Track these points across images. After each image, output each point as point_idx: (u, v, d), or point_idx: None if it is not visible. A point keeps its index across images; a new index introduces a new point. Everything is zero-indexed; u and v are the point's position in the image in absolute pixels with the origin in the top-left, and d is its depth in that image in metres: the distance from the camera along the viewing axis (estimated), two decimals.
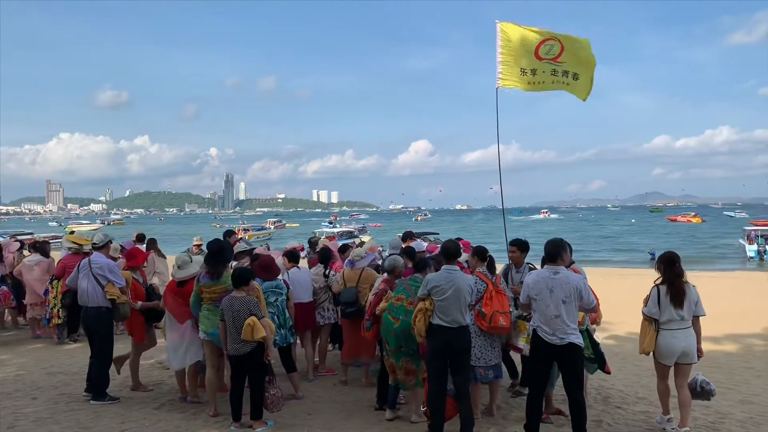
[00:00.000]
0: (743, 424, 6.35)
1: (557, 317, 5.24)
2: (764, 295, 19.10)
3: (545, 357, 5.41)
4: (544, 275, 5.43)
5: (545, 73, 7.55)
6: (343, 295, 7.52)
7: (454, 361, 5.50)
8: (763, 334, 12.32)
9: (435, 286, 5.49)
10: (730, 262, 38.40)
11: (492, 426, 5.94)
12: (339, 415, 6.36)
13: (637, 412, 6.64)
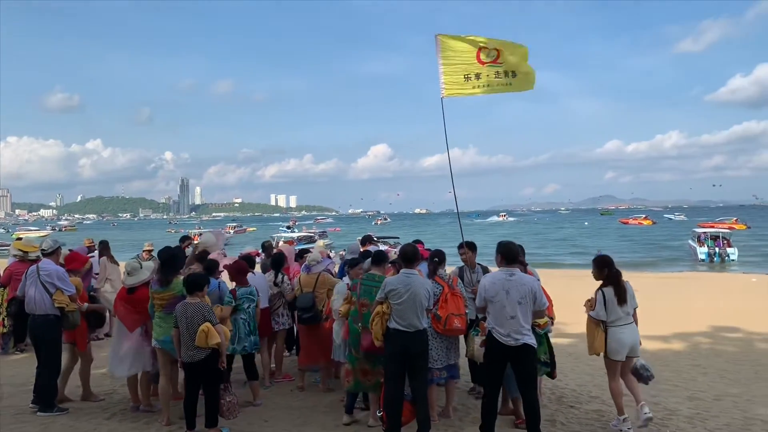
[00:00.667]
0: (690, 420, 6.56)
1: (513, 318, 5.31)
2: (712, 295, 19.78)
3: (499, 358, 5.46)
4: (500, 277, 5.49)
5: (489, 76, 7.78)
6: (300, 300, 7.48)
7: (411, 366, 5.52)
8: (709, 332, 12.72)
9: (392, 290, 5.50)
10: (681, 263, 39.58)
11: (449, 428, 5.99)
12: (296, 421, 6.31)
13: (590, 411, 6.79)
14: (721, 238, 39.84)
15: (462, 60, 7.75)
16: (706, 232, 42.58)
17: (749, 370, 9.20)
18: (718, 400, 7.45)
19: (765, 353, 10.57)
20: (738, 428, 6.31)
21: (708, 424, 6.40)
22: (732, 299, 18.45)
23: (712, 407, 7.11)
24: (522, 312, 5.34)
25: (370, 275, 6.09)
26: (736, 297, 19.08)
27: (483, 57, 7.72)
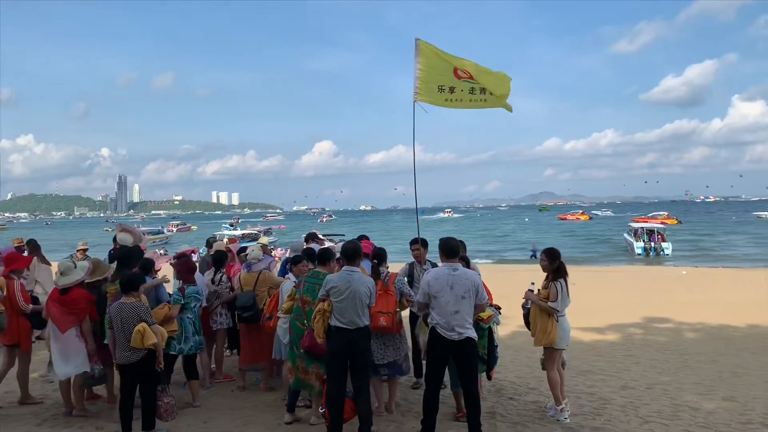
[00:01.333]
0: (623, 408, 6.80)
1: (456, 313, 5.37)
2: (646, 288, 20.59)
3: (442, 353, 5.51)
4: (443, 272, 5.53)
5: (463, 92, 7.81)
6: (240, 298, 7.36)
7: (352, 363, 5.52)
8: (642, 323, 13.25)
9: (333, 287, 5.47)
10: (618, 257, 41.01)
11: (391, 423, 6.02)
12: (236, 421, 6.21)
13: (528, 402, 6.94)
14: (656, 232, 41.46)
15: (438, 71, 7.77)
16: (642, 227, 44.18)
17: (678, 359, 9.63)
18: (649, 388, 7.76)
19: (693, 343, 11.09)
20: (668, 415, 6.58)
21: (640, 412, 6.65)
22: (663, 291, 19.27)
23: (644, 395, 7.40)
24: (465, 306, 5.41)
25: (315, 273, 6.05)
26: (668, 289, 19.92)
27: (460, 72, 7.75)
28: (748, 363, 9.29)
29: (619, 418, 6.41)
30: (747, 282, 21.80)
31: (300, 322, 5.92)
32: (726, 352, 10.09)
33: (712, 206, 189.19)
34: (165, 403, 5.67)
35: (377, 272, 6.36)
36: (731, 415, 6.59)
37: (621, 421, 6.30)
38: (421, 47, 7.75)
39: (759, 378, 8.33)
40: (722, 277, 24.34)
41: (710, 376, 8.47)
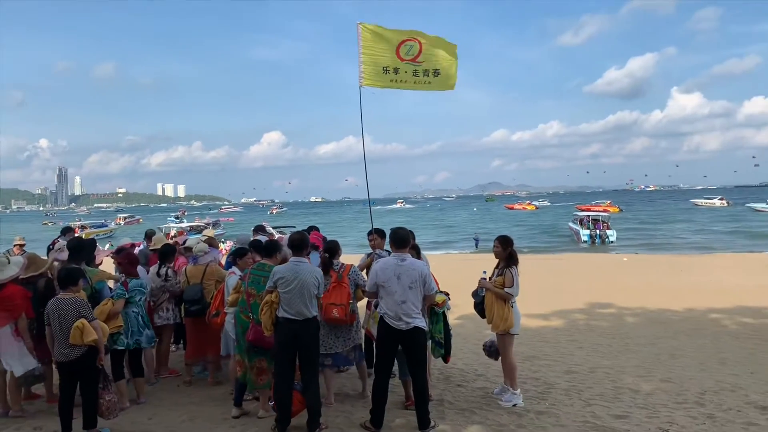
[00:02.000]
0: (567, 392, 6.99)
1: (404, 303, 5.40)
2: (591, 275, 21.18)
3: (391, 343, 5.54)
4: (391, 262, 5.56)
5: (407, 74, 7.88)
6: (187, 291, 7.23)
7: (301, 355, 5.49)
8: (586, 309, 13.63)
9: (281, 278, 5.43)
10: (564, 245, 42.03)
11: (340, 414, 6.01)
12: (182, 417, 6.09)
13: (476, 389, 7.06)
14: (601, 221, 42.73)
15: (381, 52, 7.78)
16: (588, 215, 45.48)
17: (620, 343, 9.94)
18: (592, 372, 7.98)
19: (633, 327, 11.47)
20: (609, 397, 6.79)
21: (583, 395, 6.84)
22: (607, 278, 19.88)
23: (587, 379, 7.62)
24: (412, 296, 5.44)
25: (260, 265, 5.98)
26: (611, 276, 20.57)
27: (402, 53, 7.79)
28: (685, 345, 9.67)
29: (563, 402, 6.58)
30: (685, 268, 22.71)
31: (245, 315, 5.85)
32: (664, 336, 10.47)
33: (652, 195, 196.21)
34: (107, 400, 5.49)
35: (329, 264, 6.35)
36: (668, 396, 6.85)
37: (565, 405, 6.47)
38: (363, 31, 7.76)
39: (694, 359, 8.68)
40: (662, 264, 25.24)
41: (649, 358, 8.78)
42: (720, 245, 37.56)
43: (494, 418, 5.93)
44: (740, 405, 6.49)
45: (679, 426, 5.76)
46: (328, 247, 6.65)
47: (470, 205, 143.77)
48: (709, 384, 7.34)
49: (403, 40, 7.75)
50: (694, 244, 39.52)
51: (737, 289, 15.82)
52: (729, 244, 38.04)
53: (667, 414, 6.17)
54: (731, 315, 12.25)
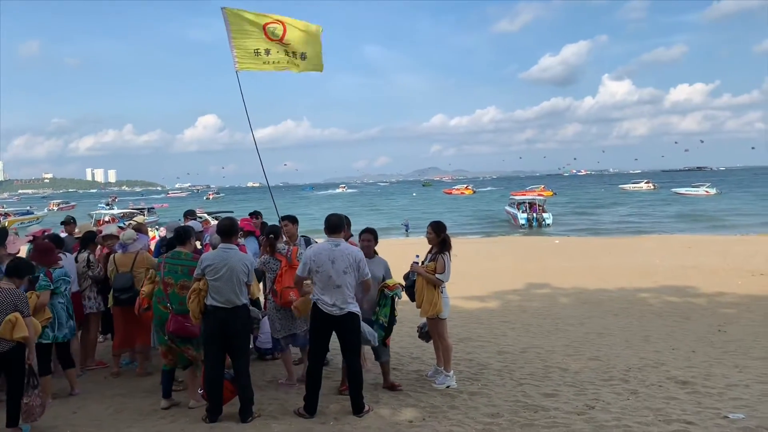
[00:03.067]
0: (499, 372, 7.13)
1: (338, 287, 5.39)
2: (526, 257, 21.70)
3: (325, 328, 5.53)
4: (325, 247, 5.53)
5: (279, 53, 7.87)
6: (117, 280, 6.99)
7: (231, 343, 5.38)
8: (520, 290, 13.95)
9: (209, 265, 5.30)
10: (501, 228, 42.95)
11: (274, 401, 5.94)
12: (109, 409, 5.89)
13: (411, 372, 7.12)
14: (537, 204, 44.03)
15: (250, 35, 7.73)
16: (524, 199, 46.85)
17: (550, 323, 10.22)
18: (523, 352, 8.17)
19: (564, 307, 11.81)
20: (540, 376, 6.97)
21: (514, 375, 6.99)
22: (542, 260, 20.40)
23: (519, 359, 7.79)
24: (347, 281, 5.43)
25: (176, 253, 5.82)
26: (545, 257, 21.11)
27: (270, 33, 7.78)
28: (612, 324, 10.02)
29: (495, 382, 6.71)
30: (614, 250, 23.57)
31: (162, 306, 5.69)
32: (593, 315, 10.83)
33: (584, 179, 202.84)
34: (24, 404, 5.17)
35: (274, 247, 6.36)
36: (595, 373, 7.08)
37: (497, 385, 6.60)
38: (229, 15, 7.71)
39: (620, 338, 9.01)
40: (593, 246, 26.10)
41: (578, 338, 9.06)
42: (646, 227, 39.19)
43: (428, 400, 5.99)
44: (662, 380, 6.76)
45: (604, 402, 5.96)
46: (272, 229, 6.61)
47: (409, 190, 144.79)
48: (633, 361, 7.62)
49: (267, 23, 7.78)
50: (622, 227, 41.11)
51: (661, 270, 16.52)
52: (654, 227, 39.73)
53: (594, 391, 6.38)
54: (656, 294, 12.78)
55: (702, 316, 10.56)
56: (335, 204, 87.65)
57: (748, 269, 15.92)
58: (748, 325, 9.72)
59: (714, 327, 9.63)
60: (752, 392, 6.32)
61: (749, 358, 7.80)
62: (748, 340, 8.76)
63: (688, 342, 8.69)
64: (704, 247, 22.63)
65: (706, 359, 7.73)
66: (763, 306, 11.26)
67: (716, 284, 13.70)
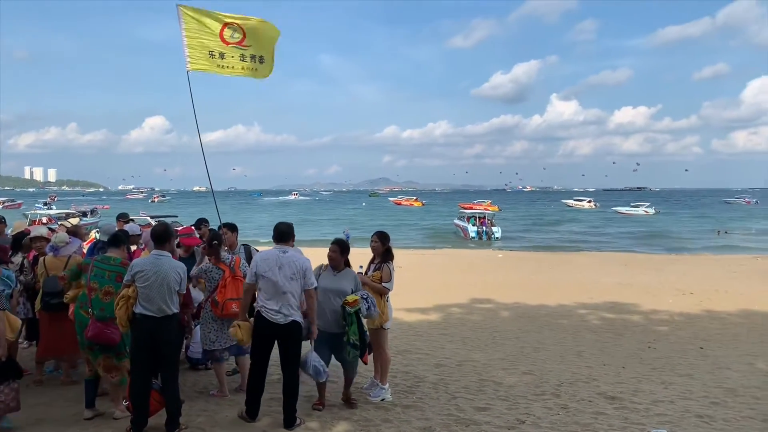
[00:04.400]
0: (435, 385, 7.16)
1: (284, 294, 5.38)
2: (471, 270, 21.91)
3: (267, 336, 5.50)
4: (273, 254, 5.55)
5: (234, 58, 7.79)
6: (47, 283, 6.69)
7: (159, 353, 5.22)
8: (462, 303, 14.05)
9: (139, 272, 5.15)
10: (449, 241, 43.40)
11: (202, 413, 5.80)
12: (29, 419, 5.61)
13: None
14: (487, 218, 45.01)
15: (205, 36, 7.61)
16: (474, 213, 47.87)
17: (488, 336, 10.34)
18: (460, 365, 8.23)
19: (503, 321, 11.98)
20: (474, 390, 7.03)
21: (450, 389, 7.03)
22: (486, 273, 20.67)
23: (455, 372, 7.84)
24: (293, 288, 5.42)
25: (105, 257, 5.64)
26: (489, 271, 21.41)
27: (227, 36, 7.68)
28: (548, 339, 10.21)
29: (430, 395, 6.73)
30: (555, 265, 24.10)
31: (84, 311, 5.50)
32: (530, 329, 11.01)
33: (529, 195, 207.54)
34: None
35: (217, 255, 6.23)
36: (528, 387, 7.19)
37: (431, 398, 6.62)
38: (184, 13, 7.61)
39: (555, 353, 9.19)
40: (535, 261, 26.61)
41: (514, 351, 9.19)
42: (586, 245, 40.25)
43: (361, 414, 5.96)
44: (592, 395, 6.92)
45: (535, 417, 6.05)
46: (215, 235, 6.49)
47: (360, 199, 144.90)
48: (566, 376, 7.78)
49: (225, 23, 7.70)
50: (564, 243, 42.11)
51: (599, 286, 16.96)
52: (594, 244, 40.88)
53: (526, 405, 6.48)
54: (592, 310, 13.11)
55: (634, 332, 10.88)
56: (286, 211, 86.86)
57: (679, 287, 16.54)
58: (677, 342, 10.06)
59: (645, 344, 9.93)
60: (676, 408, 6.54)
61: (675, 374, 8.06)
62: (675, 356, 9.06)
63: (619, 358, 8.93)
64: (640, 265, 23.41)
65: (635, 375, 7.95)
66: (691, 324, 11.70)
67: (649, 302, 14.16)
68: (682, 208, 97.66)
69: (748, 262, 25.04)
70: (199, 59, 7.59)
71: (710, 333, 10.85)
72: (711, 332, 10.92)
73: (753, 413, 6.44)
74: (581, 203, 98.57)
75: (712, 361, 8.79)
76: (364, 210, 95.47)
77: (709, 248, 36.51)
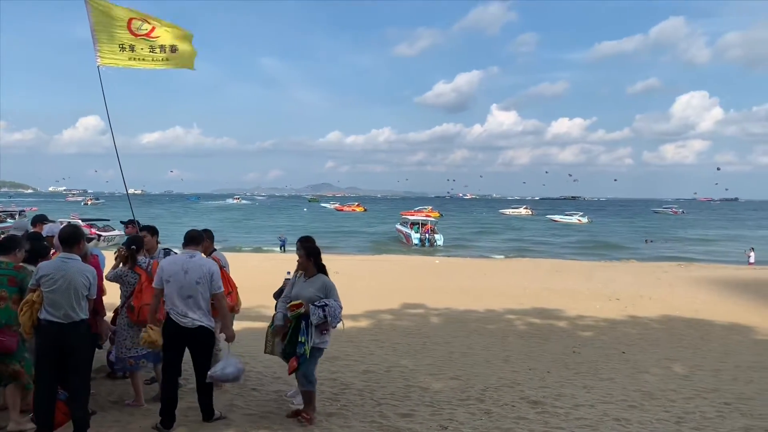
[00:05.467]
0: (361, 392, 7.09)
1: (190, 298, 5.36)
2: (407, 275, 22.04)
3: (177, 341, 5.43)
4: (180, 258, 5.55)
5: (144, 50, 7.64)
6: None
7: (67, 361, 4.95)
8: (395, 309, 14.07)
9: (44, 275, 4.87)
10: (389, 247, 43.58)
11: (114, 425, 5.53)
12: None
13: (271, 392, 6.91)
14: (430, 225, 45.61)
15: (114, 28, 7.42)
16: (418, 219, 48.52)
17: (418, 342, 10.36)
18: (388, 371, 8.19)
19: (434, 327, 12.05)
20: (400, 396, 7.00)
21: (375, 395, 6.97)
22: (422, 279, 20.81)
23: (382, 378, 7.80)
24: (200, 293, 5.39)
25: None
26: (423, 277, 21.54)
27: (134, 28, 7.52)
28: (476, 344, 10.32)
29: (355, 402, 6.66)
30: (488, 270, 24.50)
31: None
32: (459, 335, 11.10)
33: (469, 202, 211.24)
34: None
35: (134, 259, 6.03)
36: (454, 393, 7.21)
37: (356, 405, 6.55)
38: (92, 5, 7.42)
39: (482, 357, 9.28)
40: (470, 266, 27.00)
41: (443, 357, 9.23)
42: (521, 251, 41.21)
43: (282, 422, 5.81)
44: (515, 400, 7.00)
45: (458, 422, 6.06)
46: (134, 239, 6.26)
47: (302, 204, 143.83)
48: (491, 381, 7.85)
49: (132, 18, 7.57)
50: (500, 249, 43.00)
51: (529, 292, 17.33)
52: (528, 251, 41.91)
53: (450, 411, 6.48)
54: (521, 315, 13.36)
55: (561, 337, 11.12)
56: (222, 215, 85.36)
57: (606, 293, 17.08)
58: (601, 347, 10.34)
59: (570, 348, 10.16)
60: (596, 412, 6.68)
61: (597, 378, 8.26)
62: (599, 361, 9.30)
63: (544, 363, 9.09)
64: (571, 271, 24.09)
65: (559, 380, 8.10)
66: (615, 329, 12.06)
67: (577, 307, 14.55)
68: (614, 217, 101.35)
69: (672, 269, 26.14)
70: (108, 53, 7.39)
71: (632, 338, 11.21)
72: (633, 337, 11.27)
73: (667, 416, 6.64)
74: (518, 211, 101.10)
75: (633, 365, 9.05)
76: (306, 216, 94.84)
77: (636, 255, 37.98)
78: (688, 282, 20.60)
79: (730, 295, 17.33)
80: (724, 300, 16.43)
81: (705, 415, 6.65)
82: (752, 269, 28.41)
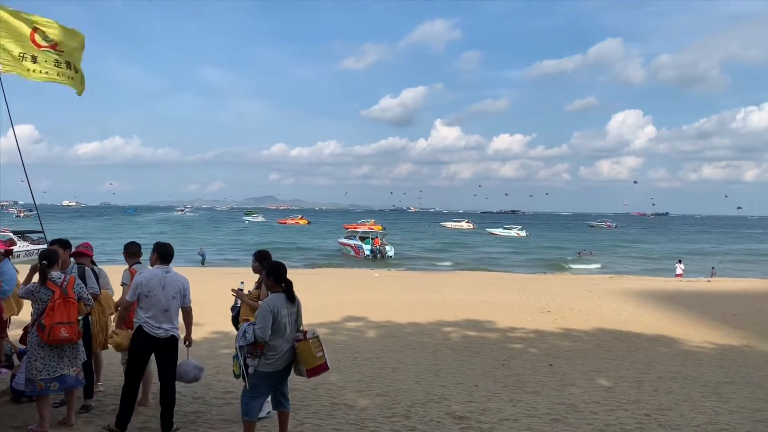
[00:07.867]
0: None
1: (166, 311, 5.80)
2: (346, 289, 21.81)
3: (147, 349, 5.83)
4: (157, 273, 5.92)
5: (48, 63, 7.40)
6: None
7: None
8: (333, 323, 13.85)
9: None
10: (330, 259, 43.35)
11: None
12: None
13: (188, 413, 6.64)
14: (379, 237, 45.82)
15: (16, 37, 7.15)
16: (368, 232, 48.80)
17: (349, 357, 10.21)
18: (314, 389, 8.00)
19: (368, 341, 11.92)
20: (324, 415, 6.86)
21: (298, 414, 6.78)
22: (357, 292, 20.64)
23: (308, 396, 7.61)
24: (174, 306, 5.88)
25: None
26: (360, 290, 21.40)
27: (38, 39, 7.28)
28: (407, 358, 10.24)
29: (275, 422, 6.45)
30: (426, 284, 24.58)
31: None
32: (391, 349, 11.00)
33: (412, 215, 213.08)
34: None
35: (46, 275, 5.74)
36: (380, 410, 7.11)
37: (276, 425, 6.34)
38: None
39: (413, 372, 9.20)
40: (409, 279, 27.05)
41: (372, 372, 9.11)
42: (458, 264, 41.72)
43: None
44: (441, 416, 6.95)
45: None
46: (46, 254, 5.97)
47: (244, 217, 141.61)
48: (419, 396, 7.78)
49: (35, 27, 7.35)
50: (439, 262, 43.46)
51: (464, 304, 17.40)
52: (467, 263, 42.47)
53: (374, 428, 6.40)
54: (454, 328, 13.37)
55: (491, 350, 11.18)
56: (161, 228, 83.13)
57: (538, 306, 17.35)
58: (529, 360, 10.43)
59: (499, 361, 10.21)
60: (519, 426, 6.70)
61: (524, 392, 8.30)
62: (526, 374, 9.36)
63: (473, 376, 9.09)
64: (506, 284, 24.42)
65: (486, 393, 8.11)
66: (545, 341, 12.22)
67: (509, 319, 14.70)
68: (551, 230, 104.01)
69: (603, 282, 26.88)
70: (12, 61, 7.09)
71: (561, 350, 11.36)
72: (561, 349, 11.44)
73: (589, 428, 6.72)
74: (460, 224, 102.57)
75: (560, 378, 9.14)
76: (246, 228, 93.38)
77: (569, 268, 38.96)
78: (617, 294, 21.15)
79: (657, 307, 17.87)
80: (651, 312, 16.93)
81: (625, 427, 6.77)
82: (679, 281, 29.49)
